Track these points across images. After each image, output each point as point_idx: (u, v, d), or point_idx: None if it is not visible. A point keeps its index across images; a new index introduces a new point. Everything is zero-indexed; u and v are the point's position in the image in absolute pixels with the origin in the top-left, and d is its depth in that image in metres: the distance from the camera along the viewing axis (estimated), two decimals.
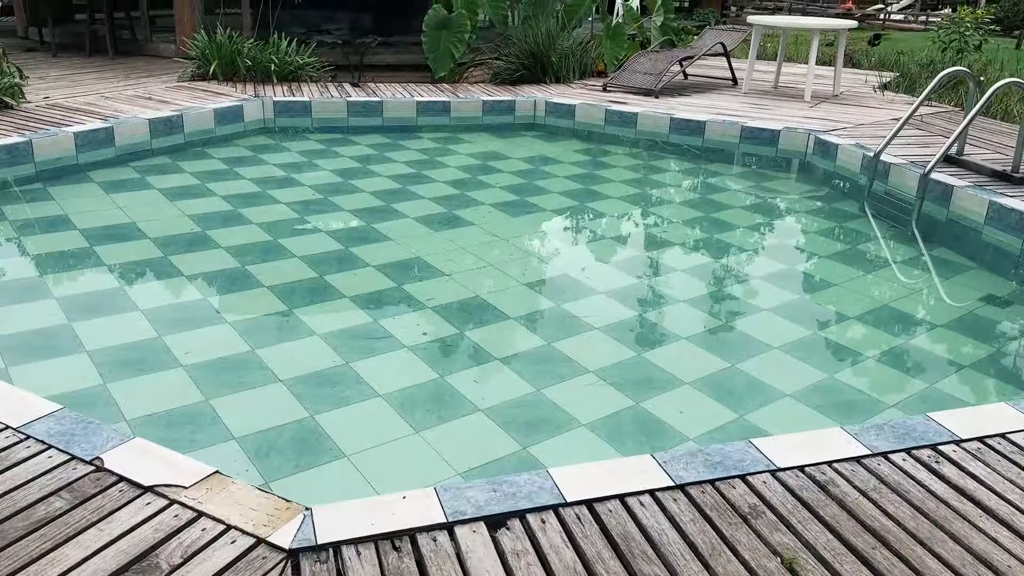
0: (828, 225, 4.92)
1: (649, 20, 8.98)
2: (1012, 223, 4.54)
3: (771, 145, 6.43)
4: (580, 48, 8.69)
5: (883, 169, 5.53)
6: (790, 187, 5.80)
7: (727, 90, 8.20)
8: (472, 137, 6.82)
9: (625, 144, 6.86)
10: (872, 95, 8.08)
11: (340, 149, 6.20)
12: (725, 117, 6.76)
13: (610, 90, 7.90)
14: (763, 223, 4.91)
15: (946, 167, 5.38)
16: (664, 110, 6.99)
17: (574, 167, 6.00)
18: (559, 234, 4.62)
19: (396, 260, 4.09)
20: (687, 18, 27.88)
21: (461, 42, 8.25)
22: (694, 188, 5.71)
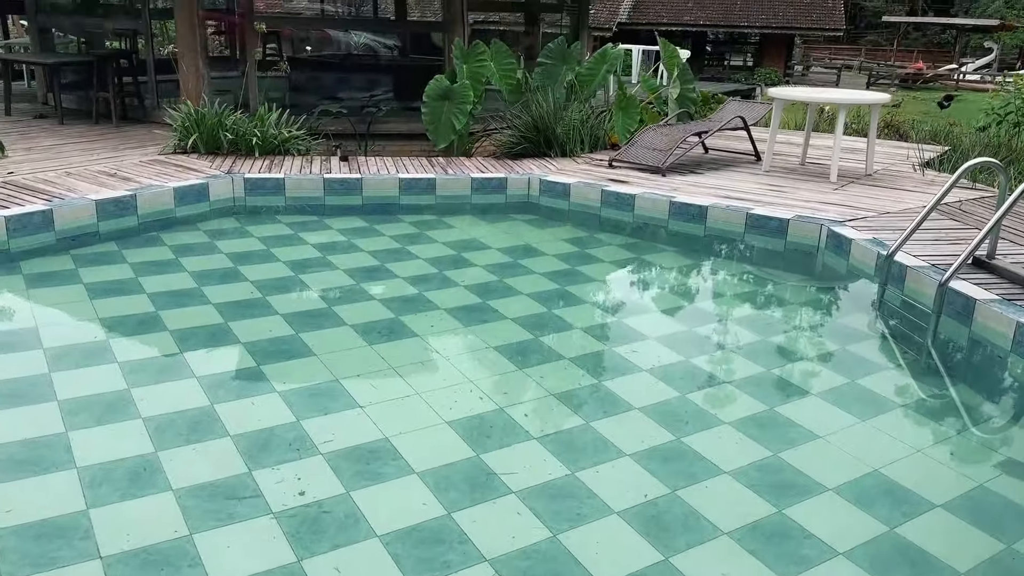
0: (822, 347, 4.17)
1: (666, 90, 8.43)
2: None
3: (779, 236, 5.73)
4: (593, 119, 8.19)
5: (898, 272, 4.78)
6: (789, 292, 5.08)
7: (748, 167, 7.54)
8: (456, 220, 6.32)
9: (619, 230, 6.26)
10: (911, 174, 7.29)
11: (307, 235, 5.79)
12: (731, 202, 6.10)
13: (616, 166, 7.34)
14: (743, 347, 4.17)
15: (973, 272, 4.60)
16: (666, 192, 6.38)
17: (556, 260, 5.41)
18: (511, 352, 3.99)
19: (305, 386, 3.52)
20: (749, 78, 27.28)
21: (463, 113, 7.85)
22: (679, 292, 5.05)
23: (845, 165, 7.58)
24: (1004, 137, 8.28)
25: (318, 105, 8.93)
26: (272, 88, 11.12)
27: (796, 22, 26.37)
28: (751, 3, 27.15)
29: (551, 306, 4.58)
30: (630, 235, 6.20)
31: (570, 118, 7.91)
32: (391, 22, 16.09)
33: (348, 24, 16.05)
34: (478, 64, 8.09)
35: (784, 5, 26.80)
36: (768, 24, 26.51)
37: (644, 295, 4.96)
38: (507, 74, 8.38)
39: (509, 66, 8.40)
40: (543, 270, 5.21)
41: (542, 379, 3.65)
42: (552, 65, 8.42)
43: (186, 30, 8.26)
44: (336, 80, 10.67)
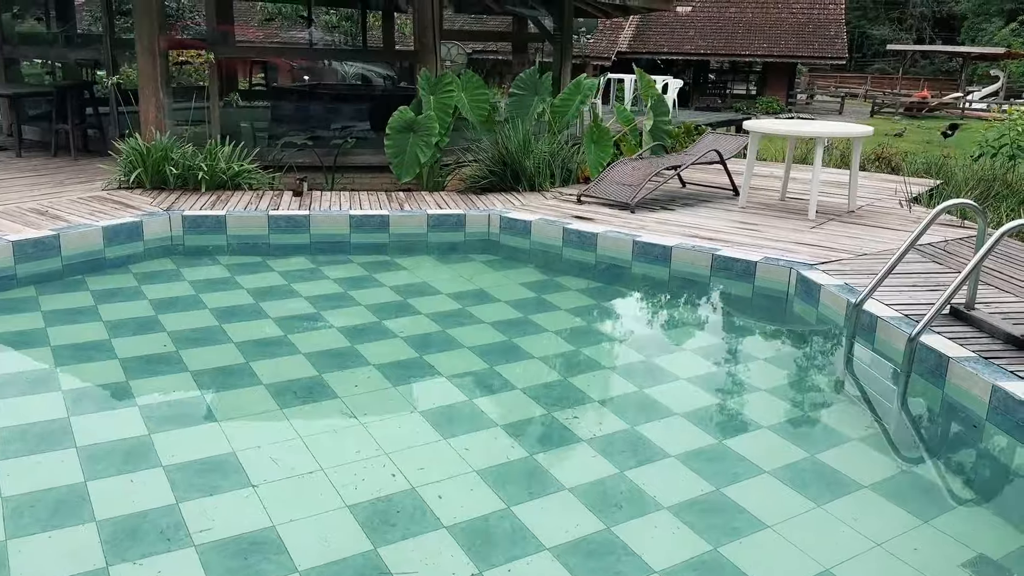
0: (779, 413, 3.72)
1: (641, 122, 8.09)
2: (1022, 420, 3.32)
3: (746, 279, 5.33)
4: (566, 152, 7.86)
5: (868, 323, 4.37)
6: (750, 345, 4.65)
7: (725, 202, 7.16)
8: (409, 261, 5.95)
9: (582, 272, 5.88)
10: (897, 211, 6.88)
11: (244, 278, 5.43)
12: (699, 242, 5.71)
13: (585, 202, 6.98)
14: (692, 413, 3.74)
15: (950, 324, 4.18)
16: (632, 230, 6.01)
17: (508, 308, 5.01)
18: (438, 418, 3.58)
19: (197, 459, 3.10)
20: (751, 107, 26.98)
21: (429, 146, 7.54)
22: (632, 345, 4.61)
23: (828, 200, 7.20)
24: (999, 170, 7.88)
25: (284, 136, 8.67)
26: (249, 118, 10.89)
27: (798, 51, 26.11)
28: (753, 32, 26.94)
29: (494, 361, 4.18)
30: (592, 278, 5.80)
31: (540, 151, 7.58)
32: (359, 52, 15.91)
33: (313, 54, 15.79)
34: (445, 95, 7.79)
35: (786, 34, 26.56)
36: (770, 53, 26.26)
37: (595, 351, 4.53)
38: (478, 105, 8.07)
39: (480, 97, 8.10)
40: (493, 319, 4.82)
41: (467, 451, 3.25)
42: (523, 96, 8.11)
43: (145, 59, 8.01)
44: (306, 110, 10.41)
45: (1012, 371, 3.59)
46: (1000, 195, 7.55)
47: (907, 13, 51.19)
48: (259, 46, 13.73)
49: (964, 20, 46.45)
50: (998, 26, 39.81)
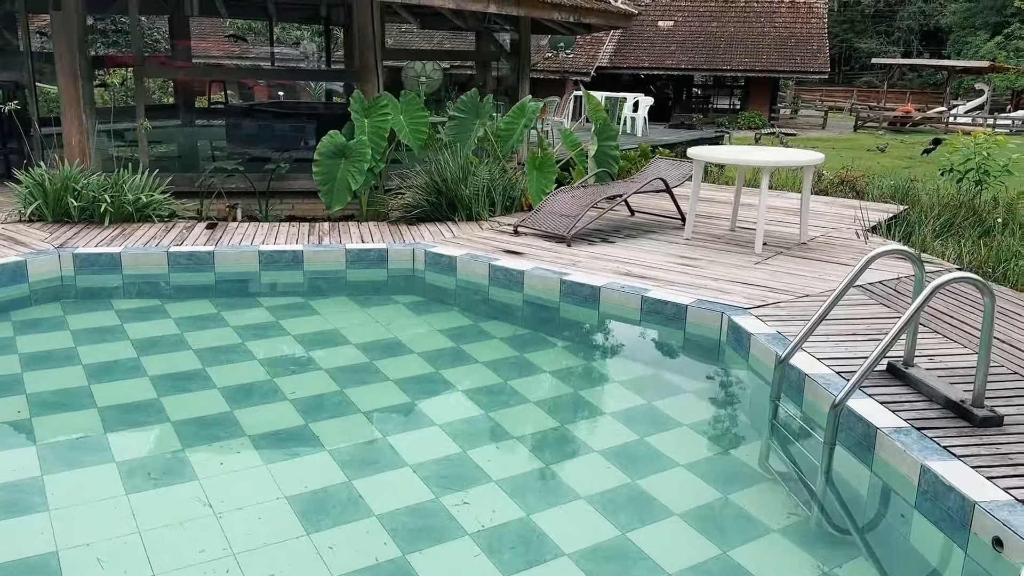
0: (688, 495, 3.26)
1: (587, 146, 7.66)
2: (952, 512, 2.87)
3: (677, 324, 4.89)
4: (509, 178, 7.44)
5: (797, 381, 3.93)
6: (669, 406, 4.15)
7: (672, 232, 6.73)
8: (323, 304, 5.49)
9: (506, 316, 5.44)
10: (853, 242, 6.46)
11: (132, 325, 4.96)
12: (632, 280, 5.28)
13: (522, 233, 6.56)
14: (597, 496, 3.29)
15: (887, 384, 3.74)
16: (563, 267, 5.57)
17: (420, 363, 4.55)
18: (308, 506, 3.11)
19: (14, 560, 2.68)
20: (733, 122, 26.64)
21: (360, 172, 7.11)
22: (544, 407, 4.14)
23: (781, 231, 6.78)
24: (965, 196, 7.47)
25: (218, 159, 8.24)
26: (191, 139, 10.46)
27: (780, 65, 25.80)
28: (735, 47, 26.65)
29: (389, 430, 3.73)
30: (517, 322, 5.36)
31: (479, 178, 7.15)
32: (298, 72, 15.48)
33: (245, 74, 15.27)
34: (380, 118, 7.37)
35: (768, 49, 26.27)
36: (752, 68, 25.95)
37: (502, 416, 4.04)
38: (417, 128, 7.65)
39: (420, 119, 7.68)
40: (401, 375, 4.36)
41: (331, 551, 2.80)
42: (464, 119, 7.70)
43: (67, 81, 7.58)
44: (240, 132, 9.98)
45: (947, 446, 3.15)
46: (968, 221, 7.15)
47: (894, 26, 51.15)
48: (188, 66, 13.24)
49: (950, 33, 46.38)
50: (983, 39, 39.66)
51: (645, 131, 14.85)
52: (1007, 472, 2.96)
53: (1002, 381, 3.77)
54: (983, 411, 3.33)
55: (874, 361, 3.32)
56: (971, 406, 3.37)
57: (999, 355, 4.09)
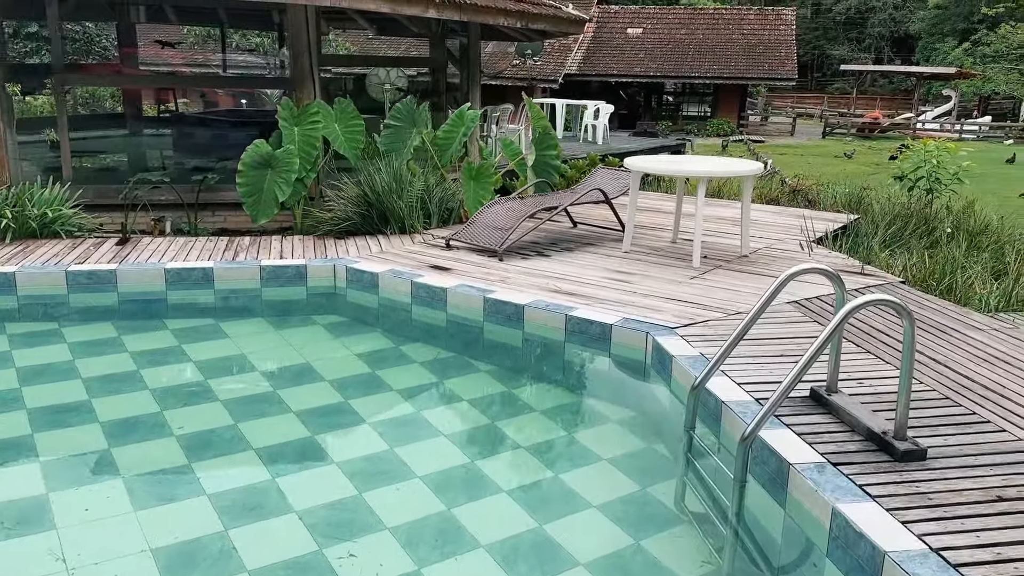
0: (591, 531, 2.97)
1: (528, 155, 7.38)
2: (863, 561, 2.60)
3: (602, 345, 4.61)
4: (446, 189, 7.14)
5: (715, 409, 3.66)
6: (586, 439, 3.86)
7: (611, 245, 6.46)
8: (235, 326, 5.15)
9: (428, 337, 5.14)
10: (797, 254, 6.22)
11: (22, 352, 4.58)
12: (558, 298, 5.00)
13: (454, 247, 6.26)
14: (498, 545, 3.02)
15: (809, 412, 3.48)
16: (489, 284, 5.28)
17: (329, 390, 4.23)
18: (174, 561, 2.78)
19: None
20: (701, 130, 26.54)
21: (288, 184, 6.79)
22: (457, 440, 3.83)
23: (725, 243, 6.53)
24: (917, 204, 7.28)
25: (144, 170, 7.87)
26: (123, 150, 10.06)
27: (748, 72, 25.74)
28: (703, 54, 26.57)
29: (280, 470, 3.40)
30: (439, 344, 5.04)
31: (414, 189, 6.85)
32: (226, 79, 15.11)
33: (173, 81, 14.82)
34: (310, 126, 7.05)
35: (736, 55, 26.22)
36: (720, 75, 25.87)
37: (408, 453, 3.70)
38: (353, 137, 7.34)
39: (355, 128, 7.36)
40: (306, 406, 4.04)
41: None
42: (400, 128, 7.40)
43: None
44: (187, 141, 9.63)
45: (863, 484, 2.88)
46: (919, 231, 6.95)
47: (865, 33, 51.56)
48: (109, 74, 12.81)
49: (919, 40, 46.79)
50: (951, 46, 39.98)
51: (606, 139, 14.63)
52: (924, 515, 2.69)
53: (932, 408, 3.52)
54: (905, 444, 3.07)
55: (784, 392, 3.05)
56: (893, 438, 3.11)
57: (932, 378, 3.85)
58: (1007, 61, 32.62)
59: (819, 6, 52.81)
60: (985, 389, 3.71)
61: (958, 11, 43.16)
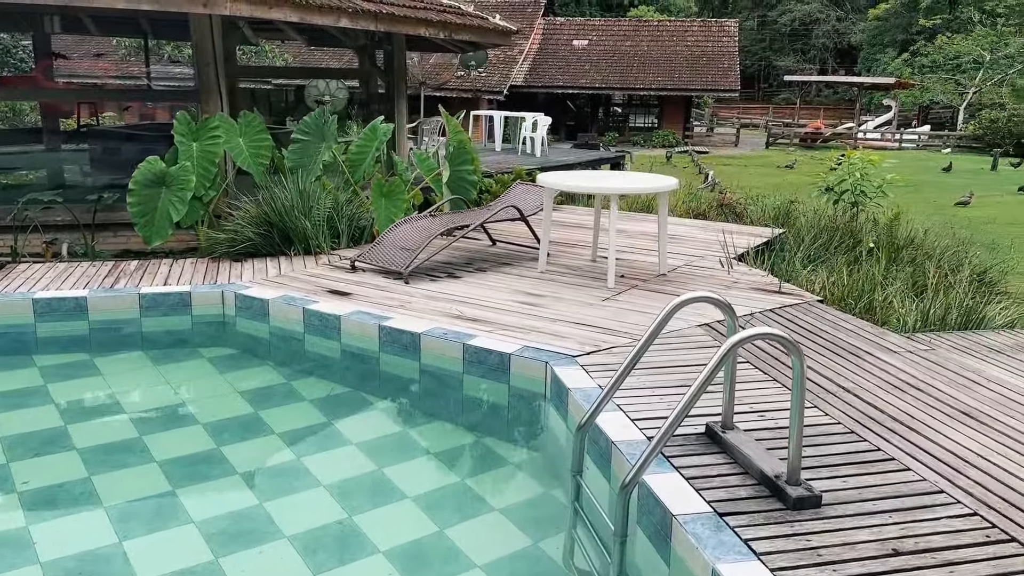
0: None
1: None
2: None
3: (501, 376, 4.29)
4: (357, 207, 6.78)
5: (606, 449, 3.37)
6: (481, 483, 3.53)
7: (528, 264, 6.17)
8: (106, 362, 4.70)
9: (321, 370, 4.79)
10: (716, 272, 6.01)
11: None
12: (459, 325, 4.68)
13: (360, 268, 5.91)
14: None
15: (703, 451, 3.21)
16: (388, 309, 4.94)
17: (200, 435, 3.83)
18: None
19: None
20: (647, 140, 26.57)
21: (184, 202, 6.37)
22: (339, 492, 3.50)
23: (646, 260, 6.29)
24: (842, 218, 7.14)
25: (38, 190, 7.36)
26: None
27: (692, 83, 25.87)
28: (648, 65, 26.64)
29: (128, 532, 3.01)
30: (334, 378, 4.69)
31: (322, 207, 6.48)
32: (132, 92, 14.58)
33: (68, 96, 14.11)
34: (210, 141, 6.65)
35: (680, 67, 26.33)
36: (664, 86, 25.95)
37: (276, 510, 3.36)
38: (258, 152, 6.94)
39: (261, 143, 6.97)
40: (171, 455, 3.65)
41: None
42: (308, 142, 7.03)
43: None
44: (104, 157, 9.11)
45: (749, 539, 2.60)
46: (843, 246, 6.80)
47: (810, 44, 52.55)
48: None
49: (861, 51, 47.83)
50: (891, 57, 40.91)
51: (545, 152, 14.41)
52: (811, 575, 2.43)
53: (834, 443, 3.28)
54: (798, 490, 2.81)
55: (664, 436, 2.76)
56: (785, 483, 2.85)
57: (840, 409, 3.61)
58: (944, 71, 33.43)
59: (765, 18, 53.73)
60: (893, 421, 3.49)
61: (898, 23, 44.25)
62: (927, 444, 3.28)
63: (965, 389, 3.85)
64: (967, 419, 3.52)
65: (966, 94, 31.77)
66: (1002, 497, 2.87)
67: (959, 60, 33.14)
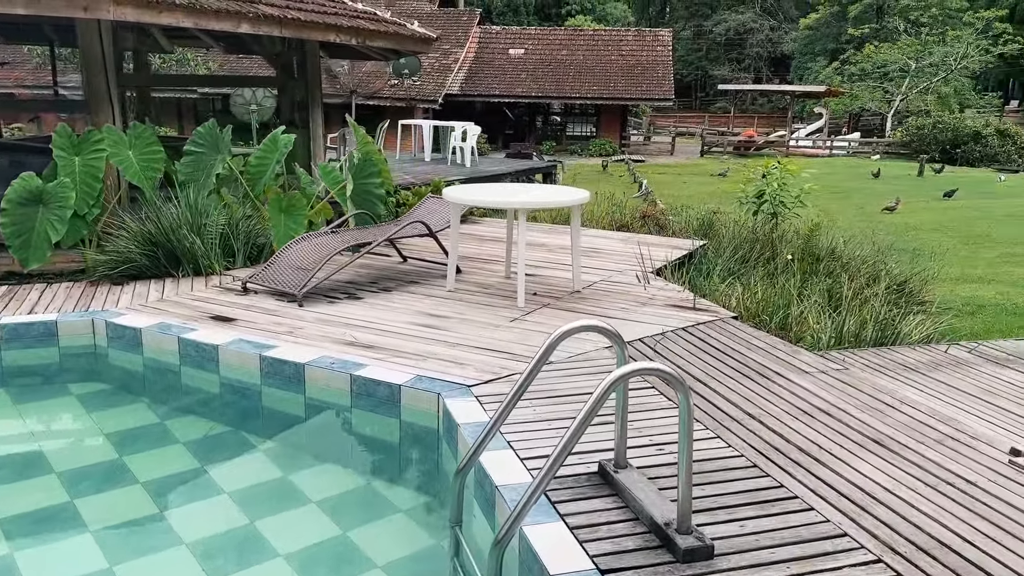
0: None
1: None
2: None
3: (391, 409, 3.94)
4: (255, 223, 6.36)
5: (489, 494, 3.06)
6: (362, 536, 3.17)
7: (437, 283, 5.84)
8: None
9: (199, 408, 4.36)
10: (632, 288, 5.77)
11: None
12: (349, 354, 4.31)
13: (252, 290, 5.50)
14: None
15: (594, 494, 2.92)
16: (272, 336, 4.55)
17: (53, 486, 3.41)
18: None
19: None
20: (584, 150, 26.51)
21: (63, 221, 5.87)
22: (201, 551, 3.11)
23: (562, 276, 6.02)
24: (762, 229, 7.00)
25: None
26: None
27: (627, 92, 25.94)
28: (584, 74, 26.62)
29: None
30: (213, 416, 4.28)
31: (214, 223, 6.05)
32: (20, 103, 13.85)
33: None
34: (94, 155, 6.16)
35: (616, 76, 26.38)
36: (600, 95, 25.97)
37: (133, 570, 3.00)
38: (149, 166, 6.46)
39: (153, 155, 6.49)
40: (16, 511, 3.23)
41: None
42: (201, 155, 6.57)
43: None
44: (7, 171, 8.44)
45: None
46: (763, 258, 6.65)
47: (745, 53, 53.53)
48: None
49: (793, 60, 48.91)
50: (822, 65, 41.88)
51: (475, 162, 14.10)
52: None
53: (735, 479, 3.02)
54: (688, 539, 2.54)
55: (542, 483, 2.46)
56: (676, 531, 2.57)
57: (743, 439, 3.37)
58: (872, 80, 34.30)
59: (700, 27, 54.57)
60: (799, 452, 3.26)
61: (828, 32, 45.38)
62: (833, 478, 3.05)
63: (877, 413, 3.66)
64: (877, 447, 3.31)
65: (893, 101, 32.64)
66: (908, 539, 2.64)
67: (886, 68, 34.05)
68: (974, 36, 33.52)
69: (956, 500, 2.90)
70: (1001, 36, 34.33)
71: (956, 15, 36.74)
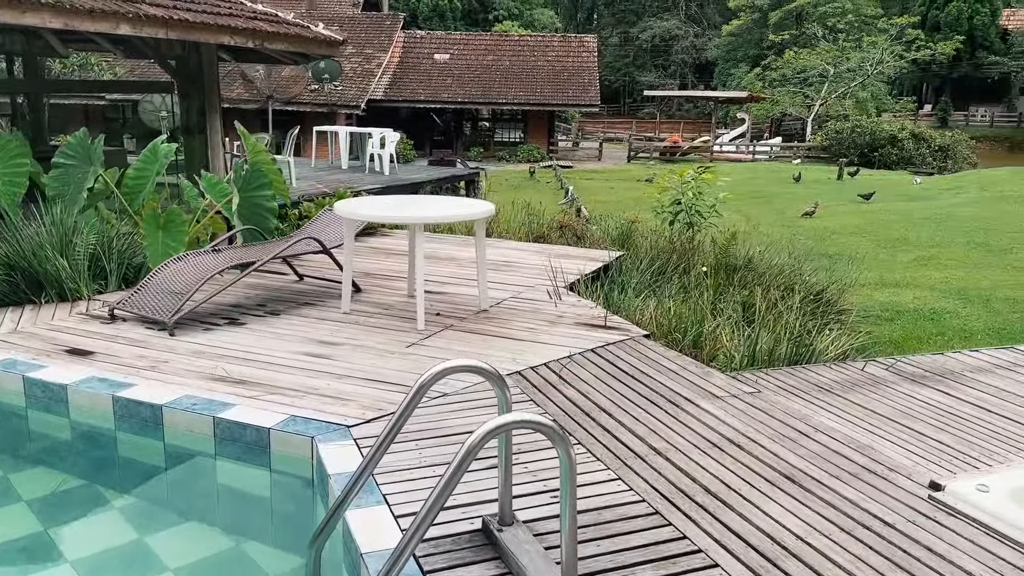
0: None
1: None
2: None
3: (260, 457, 3.50)
4: (130, 243, 5.80)
5: (356, 561, 2.66)
6: None
7: (334, 303, 5.40)
8: None
9: (47, 457, 3.83)
10: (543, 306, 5.44)
11: None
12: (215, 392, 3.85)
13: (120, 317, 4.96)
14: None
15: (475, 557, 2.55)
16: (136, 371, 4.04)
17: None
18: None
19: None
20: (512, 155, 26.25)
21: None
22: None
23: (468, 293, 5.65)
24: (679, 240, 6.79)
25: None
26: None
27: (554, 98, 25.82)
28: (510, 80, 26.39)
29: None
30: (63, 467, 3.75)
31: (84, 243, 5.47)
32: None
33: None
34: None
35: (542, 82, 26.24)
36: (527, 101, 25.78)
37: None
38: (13, 180, 5.83)
39: (16, 170, 5.87)
40: None
41: None
42: (72, 167, 5.98)
43: None
44: None
45: None
46: (679, 267, 6.41)
47: (670, 60, 54.37)
48: None
49: (717, 66, 49.85)
50: (744, 71, 42.74)
51: (394, 169, 13.65)
52: None
53: (634, 531, 2.69)
54: None
55: (404, 553, 2.08)
56: None
57: (646, 479, 3.05)
58: (792, 85, 35.11)
59: (627, 34, 55.20)
60: (705, 494, 2.95)
61: (750, 38, 46.39)
62: (740, 525, 2.75)
63: (789, 443, 3.39)
64: (789, 484, 3.04)
65: (813, 106, 33.45)
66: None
67: (806, 74, 34.90)
68: (888, 42, 34.65)
69: (872, 547, 2.63)
70: (914, 42, 35.60)
71: (871, 21, 37.99)
